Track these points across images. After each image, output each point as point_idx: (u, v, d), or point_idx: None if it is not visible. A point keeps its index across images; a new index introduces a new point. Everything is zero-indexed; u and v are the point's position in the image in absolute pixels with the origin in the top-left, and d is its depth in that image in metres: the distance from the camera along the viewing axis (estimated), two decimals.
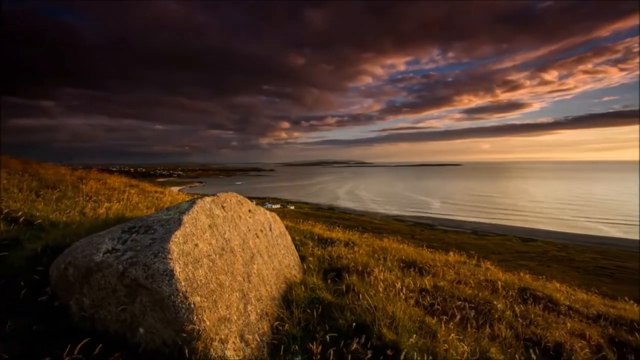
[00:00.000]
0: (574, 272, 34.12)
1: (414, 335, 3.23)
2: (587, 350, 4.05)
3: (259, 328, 3.11)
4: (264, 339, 3.07)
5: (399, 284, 4.55)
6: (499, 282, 5.90)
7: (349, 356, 2.80)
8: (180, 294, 2.44)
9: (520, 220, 74.08)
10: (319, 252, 6.21)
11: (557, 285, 7.42)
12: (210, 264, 2.96)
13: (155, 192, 9.51)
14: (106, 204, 5.57)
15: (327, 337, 2.96)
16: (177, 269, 2.54)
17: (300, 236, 7.51)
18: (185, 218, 3.13)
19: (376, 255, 6.57)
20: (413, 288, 4.85)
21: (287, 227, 7.03)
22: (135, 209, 6.00)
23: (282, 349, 2.89)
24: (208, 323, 2.51)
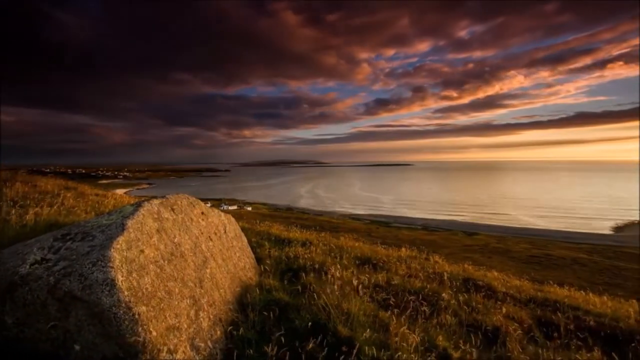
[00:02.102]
0: (510, 261, 37.77)
1: (368, 330, 3.34)
2: (519, 331, 4.50)
3: (211, 335, 3.01)
4: (217, 345, 2.97)
5: (355, 281, 4.67)
6: (446, 274, 6.33)
7: (305, 355, 2.81)
8: (123, 305, 2.27)
9: (466, 215, 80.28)
10: (276, 253, 6.16)
11: (496, 274, 8.14)
12: (158, 270, 2.80)
13: (97, 195, 8.71)
14: (35, 209, 4.98)
15: (283, 338, 2.95)
16: (120, 278, 2.36)
17: (256, 238, 7.39)
18: (130, 222, 2.91)
19: (333, 253, 6.68)
20: (368, 284, 5.01)
21: (243, 228, 6.86)
22: (71, 214, 5.45)
23: (235, 354, 2.82)
24: (155, 333, 2.36)
